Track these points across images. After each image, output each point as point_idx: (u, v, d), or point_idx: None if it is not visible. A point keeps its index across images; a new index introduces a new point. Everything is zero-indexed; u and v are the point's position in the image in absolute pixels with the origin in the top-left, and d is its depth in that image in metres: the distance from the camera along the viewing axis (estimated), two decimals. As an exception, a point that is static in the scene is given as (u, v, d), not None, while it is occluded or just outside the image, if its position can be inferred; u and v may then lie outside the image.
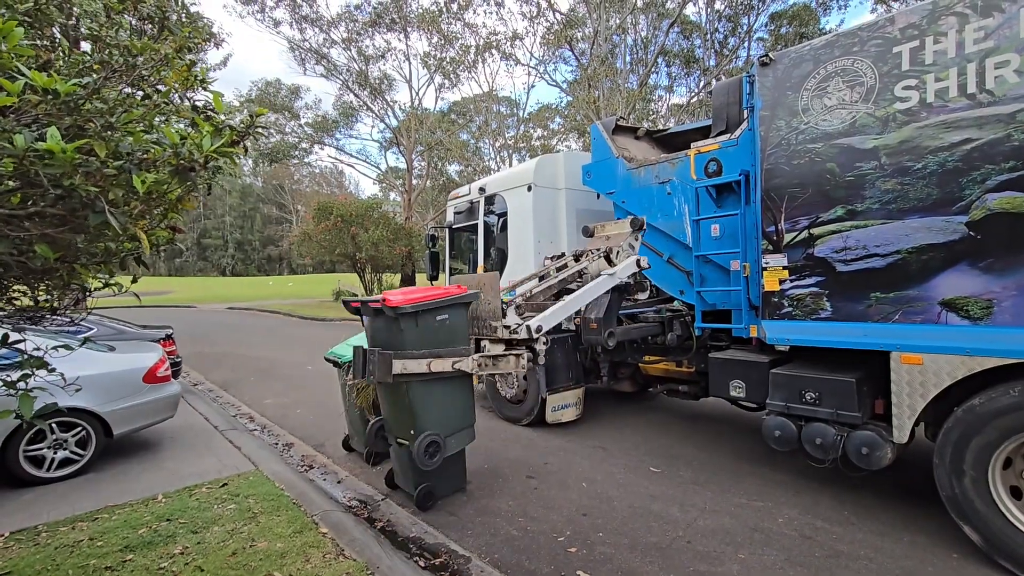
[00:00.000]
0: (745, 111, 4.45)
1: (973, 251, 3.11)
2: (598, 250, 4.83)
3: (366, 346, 3.36)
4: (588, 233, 5.32)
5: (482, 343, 3.60)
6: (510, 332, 3.60)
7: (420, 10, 27.47)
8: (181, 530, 3.65)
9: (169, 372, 5.57)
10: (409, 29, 28.35)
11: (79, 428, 4.76)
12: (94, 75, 1.56)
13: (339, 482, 4.72)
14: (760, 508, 4.02)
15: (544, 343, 3.72)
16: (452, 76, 28.63)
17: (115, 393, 4.96)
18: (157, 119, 1.66)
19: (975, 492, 3.16)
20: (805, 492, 4.24)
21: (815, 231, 3.77)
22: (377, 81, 30.16)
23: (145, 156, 1.41)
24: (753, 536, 3.62)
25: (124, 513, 3.94)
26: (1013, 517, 3.07)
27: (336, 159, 36.09)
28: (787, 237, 3.92)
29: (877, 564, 3.23)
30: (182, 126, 1.76)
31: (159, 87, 1.73)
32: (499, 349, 3.57)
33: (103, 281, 1.87)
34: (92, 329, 7.14)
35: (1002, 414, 3.05)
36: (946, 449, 3.27)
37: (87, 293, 1.93)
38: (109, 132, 1.40)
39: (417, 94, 30.55)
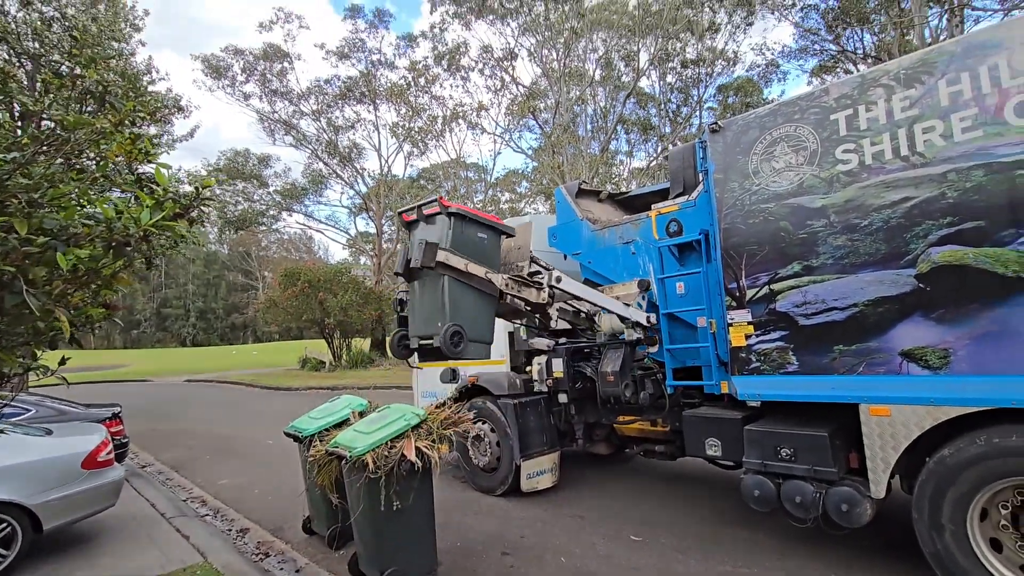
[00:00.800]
0: (700, 174, 4.65)
1: (925, 302, 3.22)
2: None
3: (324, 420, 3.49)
4: None
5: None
6: (531, 277, 4.03)
7: (389, 84, 28.68)
8: (112, 640, 3.23)
9: (112, 456, 5.15)
10: (378, 101, 29.44)
11: (4, 524, 4.29)
12: (23, 150, 1.49)
13: (297, 571, 4.33)
14: None
15: (559, 310, 4.30)
16: (420, 144, 29.58)
17: (48, 482, 4.52)
18: (95, 193, 1.58)
19: (956, 547, 3.10)
20: (791, 555, 4.09)
21: (775, 287, 3.86)
22: (346, 150, 30.85)
23: (78, 231, 1.33)
24: (741, 608, 3.43)
25: (47, 623, 3.49)
26: (996, 572, 3.00)
27: (305, 225, 36.15)
28: (749, 293, 4.00)
29: (870, 632, 3.08)
30: (125, 198, 1.68)
31: (98, 160, 1.66)
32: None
33: (24, 366, 1.70)
34: (29, 411, 6.63)
35: (971, 464, 3.05)
36: (923, 503, 3.23)
37: (6, 379, 1.76)
38: (34, 208, 1.32)
39: (386, 162, 31.32)
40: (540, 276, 4.10)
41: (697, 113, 27.05)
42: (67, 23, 12.30)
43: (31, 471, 4.45)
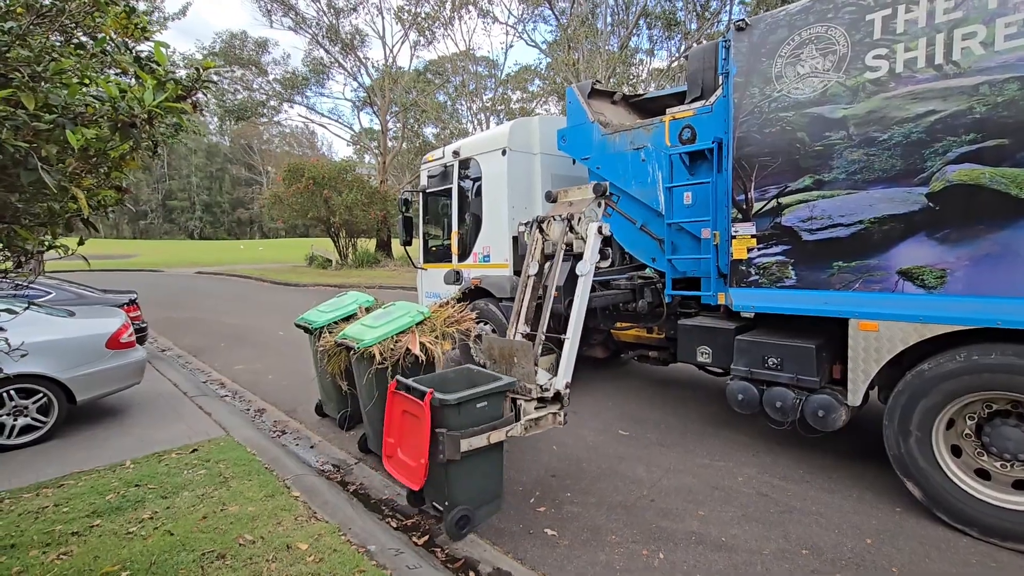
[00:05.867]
0: (721, 77, 4.41)
1: (931, 222, 3.20)
2: (560, 216, 4.65)
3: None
4: (551, 199, 5.09)
5: (518, 402, 3.79)
6: (541, 391, 3.86)
7: (393, -39, 26.21)
8: (150, 495, 3.64)
9: (133, 338, 5.44)
10: (382, -19, 27.09)
11: (40, 394, 4.65)
12: (18, 20, 1.43)
13: (312, 447, 4.74)
14: (721, 468, 4.19)
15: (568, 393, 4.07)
16: (427, 33, 27.68)
17: (76, 359, 4.84)
18: (94, 71, 1.54)
19: (919, 451, 3.35)
20: (764, 452, 4.43)
21: (783, 200, 3.82)
22: (349, 36, 28.96)
23: (83, 110, 1.32)
24: (713, 494, 3.79)
25: (91, 479, 3.90)
26: (952, 473, 3.27)
27: (307, 119, 34.92)
28: (756, 206, 3.97)
29: (826, 519, 3.43)
30: (124, 79, 1.64)
31: (95, 35, 1.60)
32: (533, 406, 3.83)
33: (47, 244, 1.77)
34: (49, 294, 6.89)
35: (948, 378, 3.20)
36: (895, 411, 3.44)
37: (29, 256, 1.84)
38: (38, 83, 1.30)
39: (391, 51, 29.55)
40: (548, 388, 3.91)
41: (727, 8, 24.85)
42: None
43: (60, 349, 4.74)
